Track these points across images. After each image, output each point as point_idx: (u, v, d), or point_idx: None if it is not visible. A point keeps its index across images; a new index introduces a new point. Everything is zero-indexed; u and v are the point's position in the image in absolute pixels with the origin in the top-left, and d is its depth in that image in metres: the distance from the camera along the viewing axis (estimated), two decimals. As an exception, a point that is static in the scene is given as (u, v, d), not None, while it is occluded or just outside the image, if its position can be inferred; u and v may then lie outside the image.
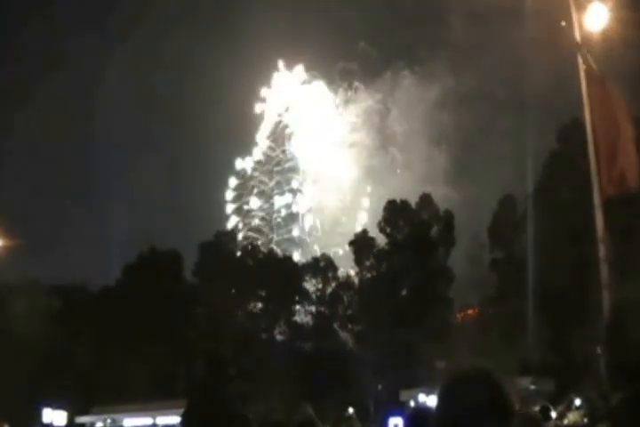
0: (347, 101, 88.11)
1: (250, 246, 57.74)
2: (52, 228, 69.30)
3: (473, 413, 2.25)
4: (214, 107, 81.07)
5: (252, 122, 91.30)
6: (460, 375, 2.38)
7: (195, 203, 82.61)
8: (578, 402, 21.03)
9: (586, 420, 18.16)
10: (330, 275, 51.50)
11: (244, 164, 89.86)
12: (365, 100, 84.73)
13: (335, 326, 49.84)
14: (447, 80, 68.86)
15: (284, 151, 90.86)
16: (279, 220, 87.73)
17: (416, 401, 30.44)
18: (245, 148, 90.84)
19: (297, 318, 51.50)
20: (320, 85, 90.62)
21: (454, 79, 67.48)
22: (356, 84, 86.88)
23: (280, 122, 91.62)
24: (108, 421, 36.13)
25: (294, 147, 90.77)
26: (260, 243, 71.17)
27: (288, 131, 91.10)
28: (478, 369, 2.38)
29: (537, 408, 12.27)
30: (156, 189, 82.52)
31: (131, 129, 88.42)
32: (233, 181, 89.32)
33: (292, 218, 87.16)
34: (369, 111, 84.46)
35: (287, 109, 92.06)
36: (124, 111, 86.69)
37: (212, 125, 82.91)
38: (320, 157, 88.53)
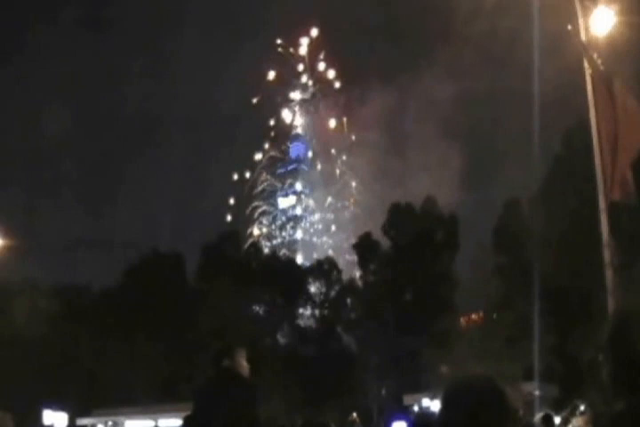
0: (361, 101, 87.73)
1: (253, 249, 57.64)
2: (54, 228, 69.56)
3: (475, 420, 2.24)
4: (219, 107, 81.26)
5: (259, 124, 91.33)
6: (462, 383, 2.39)
7: (198, 204, 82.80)
8: (583, 408, 20.88)
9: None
10: (333, 278, 51.38)
11: (249, 165, 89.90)
12: (380, 100, 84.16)
13: (339, 329, 49.73)
14: (461, 81, 68.63)
15: (290, 153, 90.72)
16: (283, 222, 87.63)
17: (420, 405, 30.34)
18: (251, 149, 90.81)
19: (300, 322, 51.38)
20: (334, 84, 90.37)
21: (467, 79, 67.26)
22: (372, 83, 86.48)
23: (289, 122, 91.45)
24: (110, 423, 36.12)
25: (302, 148, 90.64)
26: (263, 245, 71.09)
27: (296, 131, 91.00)
28: (480, 376, 2.40)
29: (540, 415, 12.20)
30: (158, 190, 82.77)
31: (133, 129, 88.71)
32: (237, 183, 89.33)
33: (297, 220, 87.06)
34: (384, 111, 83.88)
35: (296, 110, 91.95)
36: (126, 112, 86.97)
37: (215, 127, 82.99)
38: (330, 159, 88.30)
